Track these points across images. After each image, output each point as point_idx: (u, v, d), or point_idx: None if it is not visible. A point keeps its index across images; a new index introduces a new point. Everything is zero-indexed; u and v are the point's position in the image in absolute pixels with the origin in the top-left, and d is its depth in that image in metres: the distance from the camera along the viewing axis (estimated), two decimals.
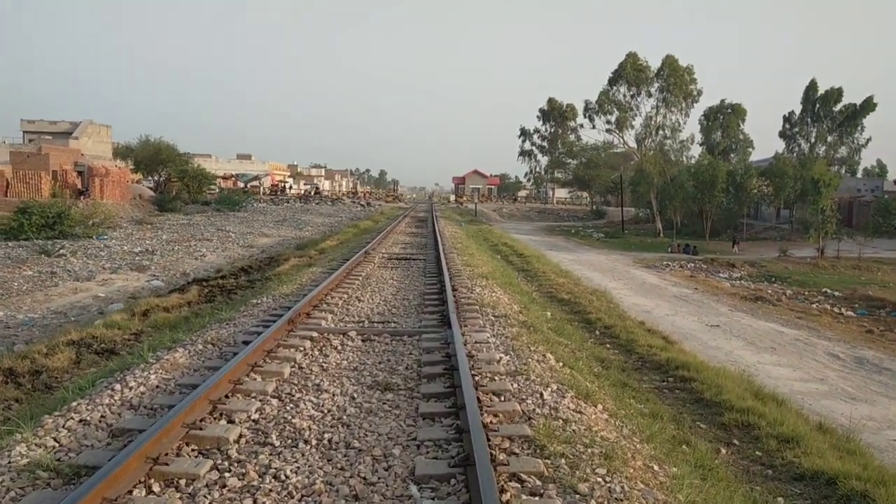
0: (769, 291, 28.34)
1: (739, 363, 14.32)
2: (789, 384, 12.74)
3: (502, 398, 5.88)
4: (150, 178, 66.00)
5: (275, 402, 5.76)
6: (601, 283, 24.88)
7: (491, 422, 5.24)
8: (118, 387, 5.86)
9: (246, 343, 7.62)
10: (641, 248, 45.10)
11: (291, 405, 5.71)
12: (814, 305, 25.13)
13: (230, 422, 5.24)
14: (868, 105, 59.35)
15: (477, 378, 6.40)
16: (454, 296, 11.14)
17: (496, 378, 6.50)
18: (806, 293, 28.22)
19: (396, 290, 12.43)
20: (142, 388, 5.87)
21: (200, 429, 4.95)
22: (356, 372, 6.83)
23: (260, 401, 5.77)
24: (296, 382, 6.39)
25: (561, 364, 7.54)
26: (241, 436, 4.96)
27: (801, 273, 35.03)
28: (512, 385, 6.22)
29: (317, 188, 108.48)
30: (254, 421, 5.29)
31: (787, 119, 64.57)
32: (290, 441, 4.89)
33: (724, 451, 6.35)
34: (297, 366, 6.99)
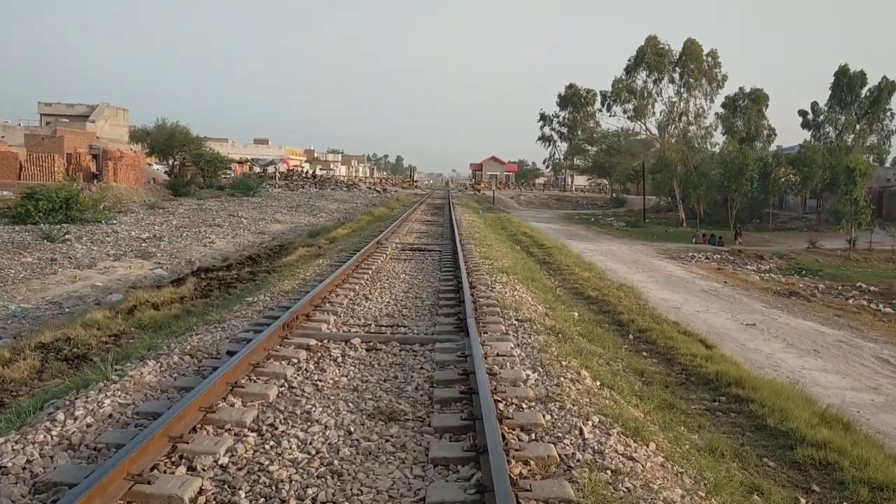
0: (801, 285, 27.05)
1: (782, 368, 13.13)
2: (840, 394, 11.51)
3: (533, 436, 4.76)
4: (165, 162, 65.39)
5: (252, 437, 4.66)
6: (626, 275, 23.67)
7: (521, 473, 4.12)
8: (61, 416, 4.78)
9: (230, 354, 6.54)
10: (664, 238, 43.72)
11: (273, 442, 4.62)
12: (850, 301, 23.82)
13: (190, 469, 4.15)
14: (889, 86, 57.02)
15: (501, 406, 5.29)
16: (472, 294, 10.00)
17: (524, 406, 5.37)
18: (839, 287, 26.92)
19: (408, 287, 11.31)
20: (89, 419, 4.79)
21: (149, 482, 3.86)
22: (356, 394, 5.73)
23: (234, 436, 4.67)
24: (282, 408, 5.29)
25: (598, 384, 6.40)
26: (200, 492, 3.86)
27: (833, 266, 33.65)
28: (544, 416, 5.09)
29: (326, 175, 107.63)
30: (221, 467, 4.20)
31: (812, 109, 62.47)
32: (262, 501, 3.80)
33: (804, 501, 5.19)
34: (286, 385, 5.89)
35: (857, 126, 58.48)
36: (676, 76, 57.17)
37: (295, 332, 7.66)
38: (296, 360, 6.59)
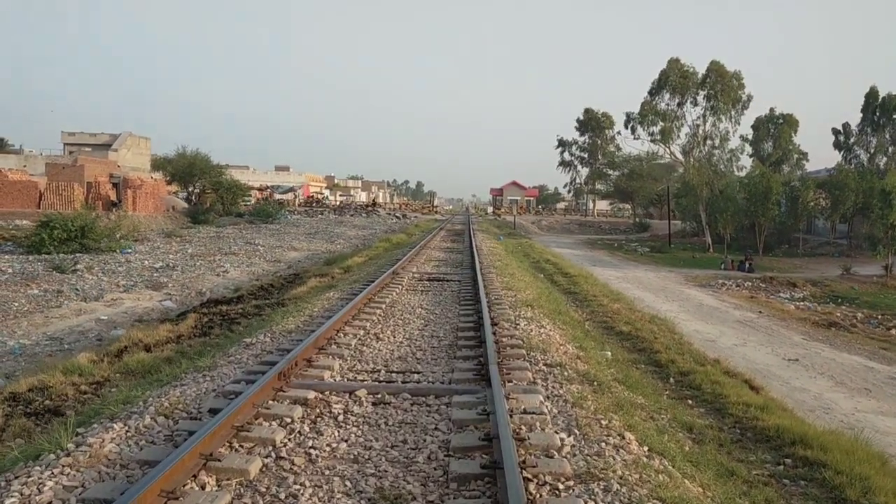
0: (838, 315, 25.76)
1: (835, 411, 11.97)
2: None
3: None
4: (186, 190, 65.29)
5: None
6: (655, 305, 22.55)
7: None
8: None
9: (213, 413, 5.60)
10: (691, 264, 42.41)
11: None
12: (892, 331, 22.53)
13: None
14: None
15: (532, 486, 4.29)
16: (494, 333, 9.01)
17: (560, 487, 4.36)
18: (879, 317, 25.59)
19: (424, 324, 10.33)
20: None
21: None
22: (356, 466, 4.75)
23: None
24: (263, 489, 4.33)
25: (646, 449, 5.37)
26: None
27: (870, 294, 32.22)
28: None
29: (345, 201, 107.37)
30: None
31: (844, 129, 61.02)
32: None
33: None
34: (273, 455, 4.93)
35: (890, 149, 56.89)
36: (701, 98, 56.03)
37: (293, 381, 6.70)
38: (289, 420, 5.63)
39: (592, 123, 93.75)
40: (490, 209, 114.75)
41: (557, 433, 5.36)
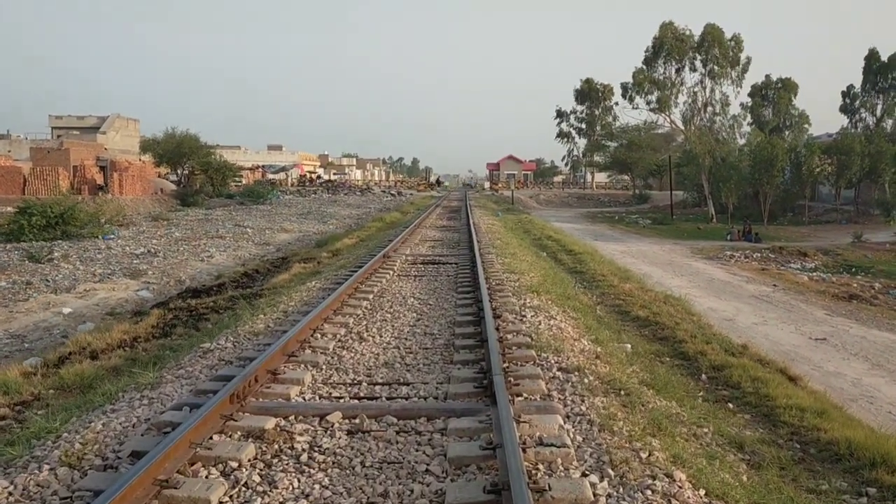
0: (855, 286, 24.54)
1: (879, 400, 10.69)
2: None
3: None
4: (176, 172, 63.78)
5: None
6: (663, 280, 21.29)
7: None
8: None
9: (136, 457, 4.29)
10: (696, 235, 41.11)
11: None
12: None
13: None
14: None
15: None
16: (497, 329, 7.69)
17: None
18: None
19: (417, 318, 9.00)
20: None
21: None
22: None
23: None
24: None
25: (703, 493, 4.08)
26: None
27: (884, 262, 31.00)
28: None
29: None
30: None
31: (847, 93, 59.36)
32: None
33: None
34: None
35: None
36: (699, 63, 54.32)
37: (249, 404, 5.38)
38: (234, 465, 4.32)
39: (592, 94, 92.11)
40: (487, 184, 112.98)
41: (587, 475, 4.06)
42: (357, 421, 5.16)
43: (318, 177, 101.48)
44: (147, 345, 8.80)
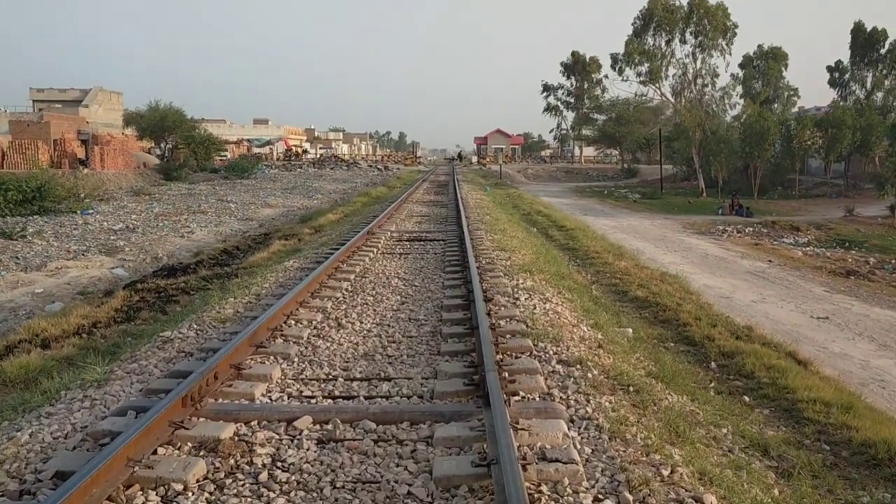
0: (850, 260, 24.11)
1: (892, 384, 10.14)
2: None
3: None
4: (159, 146, 62.43)
5: None
6: (656, 256, 20.73)
7: None
8: None
9: (60, 478, 3.59)
10: (686, 209, 40.57)
11: None
12: None
13: None
14: None
15: None
16: (489, 314, 7.00)
17: None
18: (894, 262, 23.94)
19: (401, 301, 8.29)
20: None
21: None
22: None
23: None
24: None
25: None
26: None
27: (878, 236, 30.66)
28: None
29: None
30: None
31: (836, 67, 58.56)
32: None
33: None
34: None
35: (886, 83, 54.63)
36: (689, 35, 53.32)
37: (206, 407, 4.68)
38: (178, 487, 3.63)
39: (579, 67, 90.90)
40: (475, 158, 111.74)
41: (600, 502, 3.38)
42: (329, 427, 4.48)
43: (305, 151, 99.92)
44: (107, 331, 8.06)
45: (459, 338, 6.54)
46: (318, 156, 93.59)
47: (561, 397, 4.91)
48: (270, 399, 5.04)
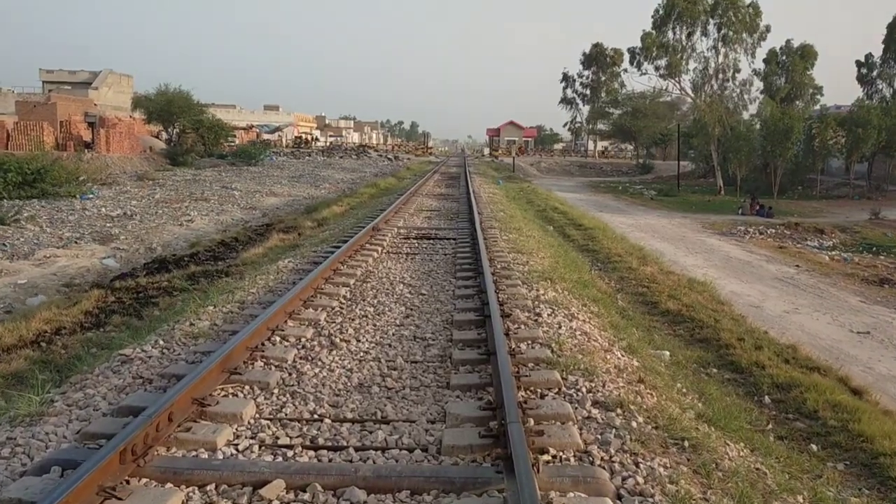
0: (880, 267, 22.94)
1: None
2: None
3: None
4: (167, 130, 61.62)
5: None
6: (677, 258, 19.68)
7: None
8: None
9: None
10: (705, 208, 39.35)
11: None
12: None
13: None
14: None
15: None
16: (508, 336, 5.97)
17: None
18: None
19: (405, 314, 7.24)
20: None
21: None
22: None
23: None
24: None
25: None
26: None
27: None
28: None
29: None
30: None
31: (865, 62, 57.01)
32: None
33: None
34: None
35: None
36: (712, 28, 51.82)
37: (150, 464, 3.67)
38: None
39: (599, 59, 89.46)
40: (486, 150, 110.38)
41: None
42: (307, 497, 3.45)
43: (315, 138, 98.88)
44: (71, 339, 7.08)
45: (473, 365, 5.50)
46: (328, 143, 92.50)
47: (602, 458, 3.87)
48: (236, 449, 4.01)
